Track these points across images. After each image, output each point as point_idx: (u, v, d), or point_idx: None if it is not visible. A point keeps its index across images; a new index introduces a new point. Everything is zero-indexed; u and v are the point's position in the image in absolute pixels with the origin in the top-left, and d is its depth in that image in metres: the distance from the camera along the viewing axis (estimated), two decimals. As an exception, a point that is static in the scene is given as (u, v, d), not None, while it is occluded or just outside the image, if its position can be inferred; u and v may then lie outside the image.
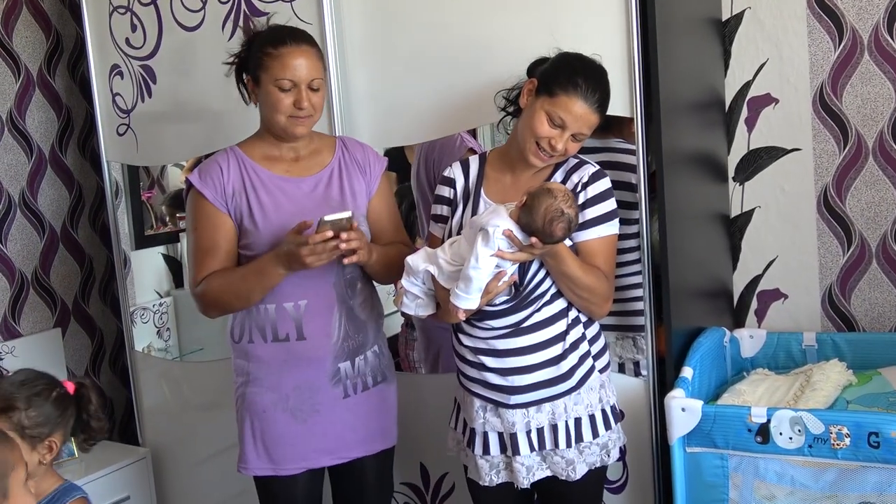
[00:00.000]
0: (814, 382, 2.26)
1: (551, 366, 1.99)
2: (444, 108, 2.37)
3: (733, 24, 2.66)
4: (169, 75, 2.91)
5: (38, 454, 1.79)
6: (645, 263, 2.26)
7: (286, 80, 2.04)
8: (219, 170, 2.14)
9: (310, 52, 2.09)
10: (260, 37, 2.13)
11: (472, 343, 2.01)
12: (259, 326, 2.16)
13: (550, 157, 1.97)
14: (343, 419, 2.20)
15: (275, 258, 2.02)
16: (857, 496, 1.96)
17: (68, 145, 3.46)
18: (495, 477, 2.04)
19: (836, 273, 2.65)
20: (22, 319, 3.29)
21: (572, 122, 1.93)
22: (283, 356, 2.15)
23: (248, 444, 2.20)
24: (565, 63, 1.99)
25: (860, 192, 2.59)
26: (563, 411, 2.01)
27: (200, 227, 2.14)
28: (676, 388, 2.13)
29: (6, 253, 3.25)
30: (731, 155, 2.71)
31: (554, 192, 1.87)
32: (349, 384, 2.20)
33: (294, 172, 2.18)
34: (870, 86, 2.53)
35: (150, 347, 3.33)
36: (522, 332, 1.98)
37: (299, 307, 2.13)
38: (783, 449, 2.00)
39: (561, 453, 2.02)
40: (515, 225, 1.85)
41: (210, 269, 2.11)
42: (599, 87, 1.96)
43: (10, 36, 3.26)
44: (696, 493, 2.12)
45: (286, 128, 2.11)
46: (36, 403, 1.79)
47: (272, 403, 2.16)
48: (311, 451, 2.18)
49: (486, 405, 2.02)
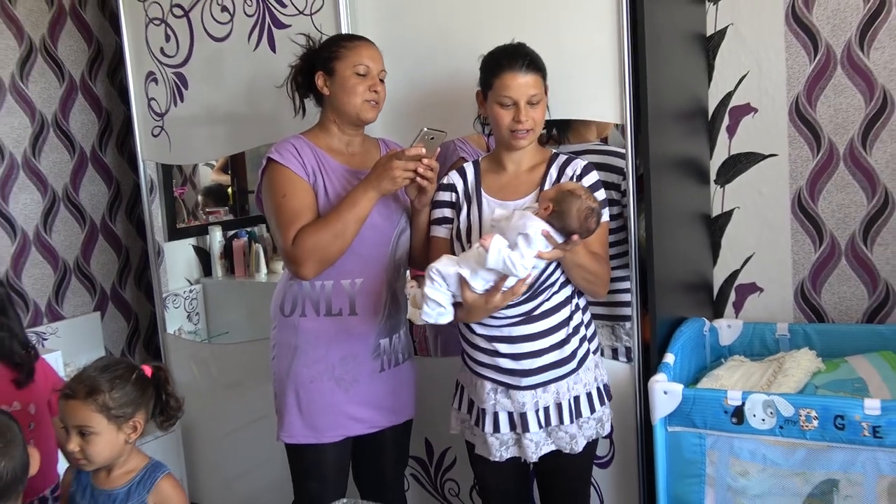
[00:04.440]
0: (786, 369, 2.26)
1: (557, 349, 2.00)
2: (448, 115, 2.37)
3: (717, 39, 2.65)
4: (200, 82, 2.91)
5: (124, 434, 1.78)
6: (632, 258, 2.26)
7: (363, 65, 2.09)
8: (296, 150, 2.11)
9: (377, 49, 2.15)
10: (329, 40, 2.17)
11: (486, 332, 2.00)
12: (313, 301, 2.14)
13: (528, 132, 1.97)
14: (377, 391, 2.20)
15: (365, 184, 2.02)
16: (824, 473, 1.96)
17: (107, 145, 3.48)
18: (504, 453, 2.04)
19: (808, 269, 2.64)
20: (64, 303, 3.31)
21: (517, 92, 1.93)
22: (333, 329, 2.14)
23: (292, 414, 2.16)
24: (487, 59, 2.02)
25: (831, 195, 2.58)
26: (567, 390, 2.02)
27: (290, 194, 2.07)
28: (659, 373, 2.13)
29: (51, 243, 3.27)
30: (713, 159, 2.71)
31: (576, 192, 1.87)
32: (385, 359, 2.21)
33: (353, 164, 2.17)
34: (842, 97, 2.52)
35: (180, 330, 3.34)
36: (534, 319, 1.98)
37: (355, 284, 2.13)
38: (756, 429, 2.01)
39: (565, 429, 2.02)
40: (549, 226, 1.84)
41: (300, 227, 2.05)
42: (520, 53, 1.97)
43: (56, 45, 3.28)
44: (676, 468, 2.13)
45: (360, 111, 2.11)
46: (118, 386, 1.77)
47: (318, 374, 2.15)
48: (348, 420, 2.18)
49: (497, 387, 2.01)
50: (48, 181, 3.26)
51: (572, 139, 2.50)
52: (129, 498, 1.79)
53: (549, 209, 1.85)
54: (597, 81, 2.24)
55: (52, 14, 3.26)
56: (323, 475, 2.19)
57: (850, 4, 2.47)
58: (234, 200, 3.84)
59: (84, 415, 1.74)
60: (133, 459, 1.85)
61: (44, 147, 3.25)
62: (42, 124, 3.24)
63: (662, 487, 2.15)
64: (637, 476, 2.35)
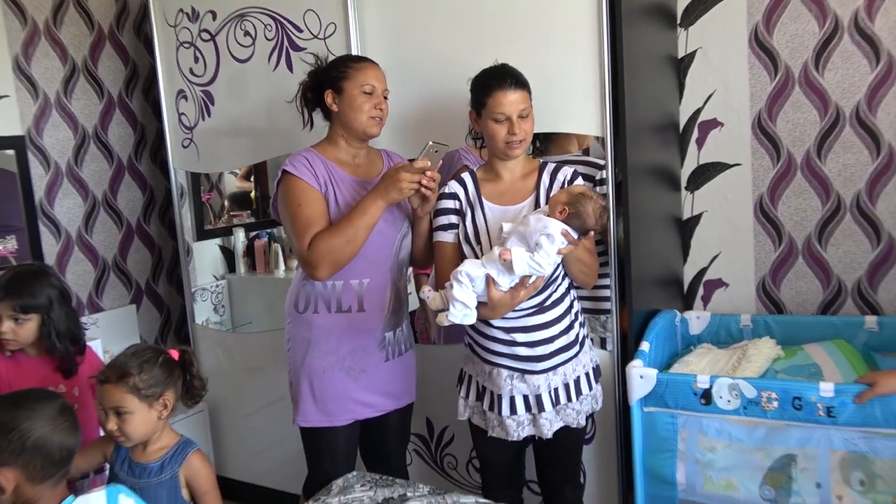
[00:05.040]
0: (749, 355, 2.27)
1: (565, 334, 2.01)
2: (445, 128, 2.37)
3: (687, 60, 2.66)
4: (224, 99, 2.92)
5: (155, 411, 1.79)
6: (612, 257, 2.27)
7: (369, 84, 2.09)
8: (308, 163, 2.10)
9: (381, 69, 2.15)
10: (338, 60, 2.16)
11: (504, 324, 1.99)
12: (325, 299, 2.14)
13: (521, 142, 1.99)
14: (383, 378, 2.21)
15: (374, 194, 2.02)
16: (783, 449, 1.97)
17: (142, 155, 3.48)
18: (522, 432, 2.03)
19: (769, 266, 2.65)
20: (104, 297, 3.32)
21: (509, 108, 1.95)
22: (343, 325, 2.14)
23: (306, 401, 2.16)
24: (476, 81, 2.03)
25: (790, 200, 2.59)
26: (572, 371, 2.03)
27: (305, 202, 2.06)
28: (636, 359, 2.14)
29: (91, 242, 3.28)
30: (684, 168, 2.72)
31: (587, 194, 1.90)
32: (390, 350, 2.21)
33: (360, 175, 2.17)
34: (799, 113, 2.53)
35: (207, 321, 3.35)
36: (545, 309, 1.99)
37: (363, 284, 2.13)
38: (722, 409, 2.02)
39: (572, 406, 2.04)
40: (566, 226, 1.86)
41: (314, 233, 2.04)
42: (506, 73, 1.99)
43: (96, 65, 3.28)
44: (651, 444, 2.14)
45: (366, 127, 2.11)
46: (146, 369, 1.77)
47: (330, 365, 2.15)
48: (358, 405, 2.18)
49: (514, 374, 2.00)
50: (89, 187, 3.27)
51: (554, 150, 2.51)
52: (163, 471, 1.80)
53: (564, 211, 1.87)
54: (580, 98, 2.25)
55: (93, 38, 3.27)
56: (335, 454, 2.20)
57: (807, 30, 2.48)
58: (256, 205, 3.85)
59: (118, 396, 1.75)
60: (166, 437, 1.86)
61: (85, 157, 3.25)
62: (84, 137, 3.24)
63: (639, 461, 2.16)
64: (616, 451, 2.36)
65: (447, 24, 2.43)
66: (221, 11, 2.85)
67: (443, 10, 2.43)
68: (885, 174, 2.45)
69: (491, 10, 2.35)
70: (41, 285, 2.12)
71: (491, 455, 2.16)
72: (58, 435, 1.44)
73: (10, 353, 2.14)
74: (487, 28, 2.36)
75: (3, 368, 2.12)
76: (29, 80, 3.04)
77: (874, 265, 2.51)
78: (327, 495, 2.07)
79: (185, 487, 1.83)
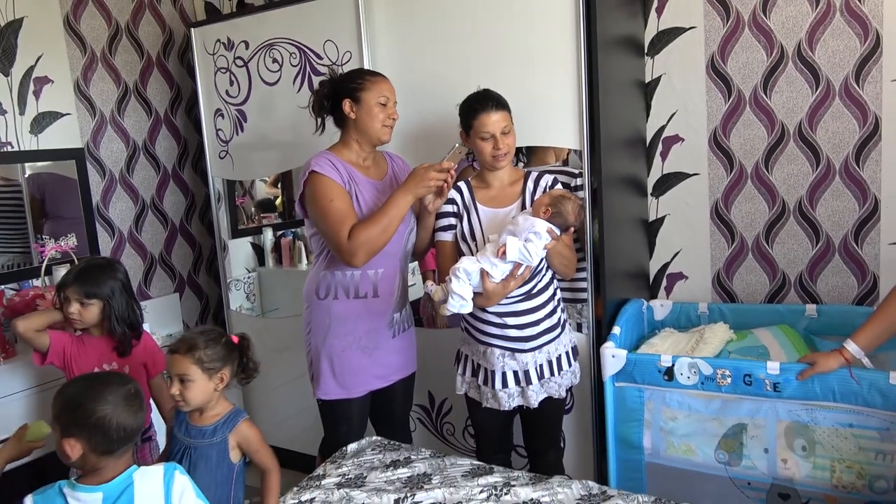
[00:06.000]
0: (706, 338, 2.24)
1: (549, 318, 2.00)
2: (442, 138, 2.34)
3: (653, 84, 2.63)
4: (256, 116, 2.89)
5: (213, 383, 1.76)
6: (588, 253, 2.24)
7: (384, 96, 2.04)
8: (332, 164, 2.03)
9: (392, 84, 2.10)
10: (354, 73, 2.10)
11: (497, 310, 1.97)
12: (344, 287, 2.08)
13: (505, 155, 1.98)
14: (391, 352, 2.17)
15: (404, 189, 1.97)
16: (735, 419, 1.95)
17: (185, 165, 3.45)
18: (512, 402, 2.02)
19: (723, 262, 2.62)
20: (151, 287, 3.29)
21: (492, 127, 1.95)
22: (360, 309, 2.10)
23: (326, 377, 2.12)
24: (463, 106, 2.02)
25: (741, 205, 2.56)
26: (554, 350, 2.02)
27: (337, 198, 1.97)
28: (609, 341, 2.12)
29: (140, 239, 3.25)
30: (650, 177, 2.69)
31: (566, 196, 1.91)
32: (396, 328, 2.18)
33: (371, 176, 2.12)
34: (750, 129, 2.50)
35: (240, 308, 3.32)
36: (532, 296, 1.97)
37: (377, 273, 2.09)
38: (683, 385, 1.99)
39: (554, 380, 2.02)
40: (551, 224, 1.86)
41: (351, 225, 1.96)
42: (488, 98, 1.98)
43: (145, 88, 3.25)
44: (622, 414, 2.11)
45: (380, 134, 2.06)
46: (211, 346, 1.76)
47: (349, 344, 2.11)
48: (371, 378, 2.15)
49: (505, 352, 1.99)
50: (139, 192, 3.24)
51: (535, 162, 2.49)
52: (215, 434, 1.77)
53: (548, 212, 1.88)
54: (561, 116, 2.22)
55: (143, 64, 3.23)
56: (350, 422, 2.17)
57: (756, 58, 2.45)
58: (283, 208, 3.82)
59: (184, 365, 1.73)
60: (220, 406, 1.82)
61: (136, 166, 3.22)
62: (134, 149, 3.21)
63: (611, 429, 2.14)
64: (591, 420, 2.34)
65: (445, 51, 2.40)
66: (253, 41, 2.82)
67: (442, 40, 2.40)
68: (823, 182, 2.42)
69: (484, 40, 2.32)
70: (105, 277, 2.13)
71: (484, 424, 2.14)
72: (118, 417, 1.40)
73: (78, 332, 2.16)
74: (480, 55, 2.33)
75: (70, 345, 2.14)
76: (88, 101, 3.01)
77: (814, 261, 2.48)
78: (342, 458, 2.04)
79: (233, 450, 1.80)
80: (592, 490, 1.77)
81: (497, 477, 1.85)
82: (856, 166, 2.37)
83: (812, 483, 1.88)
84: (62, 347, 2.12)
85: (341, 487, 1.84)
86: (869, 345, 1.80)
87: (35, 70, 2.80)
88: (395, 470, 1.93)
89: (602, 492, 1.76)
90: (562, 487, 1.78)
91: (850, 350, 1.80)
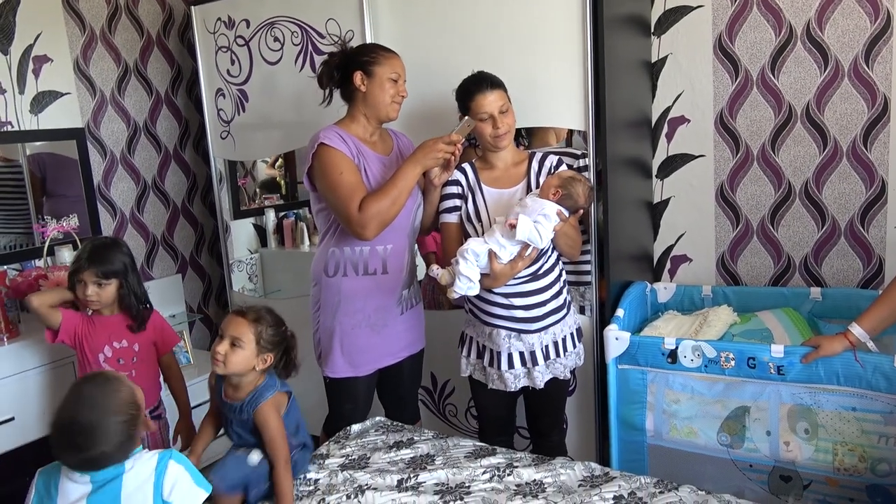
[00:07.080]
0: (709, 321, 2.24)
1: (555, 299, 1.99)
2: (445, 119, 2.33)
3: (659, 65, 2.60)
4: (257, 96, 2.86)
5: (257, 361, 1.74)
6: (592, 235, 2.23)
7: (396, 73, 2.02)
8: (341, 137, 2.00)
9: (403, 62, 2.07)
10: (367, 46, 2.08)
11: (504, 290, 1.96)
12: (353, 263, 2.06)
13: (505, 134, 1.97)
14: (400, 329, 2.16)
15: (413, 160, 1.95)
16: (738, 401, 1.96)
17: (186, 145, 3.43)
18: (518, 383, 2.02)
19: (727, 244, 2.61)
20: (154, 267, 3.29)
21: (489, 107, 1.94)
22: (370, 286, 2.07)
23: (335, 355, 2.10)
24: (459, 90, 2.01)
25: (746, 187, 2.54)
26: (560, 331, 2.01)
27: (347, 171, 1.94)
28: (612, 324, 2.12)
29: (143, 220, 3.24)
30: (655, 159, 2.67)
31: (576, 177, 1.89)
32: (405, 304, 2.16)
33: (378, 151, 2.09)
34: (756, 111, 2.47)
35: (243, 289, 3.32)
36: (539, 277, 1.96)
37: (386, 249, 2.06)
38: (686, 367, 2.00)
39: (559, 361, 2.02)
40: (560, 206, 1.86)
41: (361, 197, 1.93)
42: (483, 78, 1.97)
43: (146, 67, 3.22)
44: (625, 396, 2.12)
45: (389, 110, 2.04)
46: (273, 327, 1.76)
47: (358, 322, 2.09)
48: (380, 355, 2.14)
49: (511, 334, 1.98)
50: (140, 173, 3.22)
51: (536, 143, 2.47)
52: (242, 411, 1.75)
53: (557, 193, 1.87)
54: (566, 96, 2.20)
55: (143, 43, 3.20)
56: (356, 400, 2.16)
57: (764, 38, 2.42)
58: (285, 189, 3.80)
59: (243, 330, 1.71)
60: (252, 384, 1.77)
61: (137, 147, 3.20)
62: (135, 129, 3.19)
63: (614, 411, 2.14)
64: (594, 402, 2.34)
65: (450, 31, 2.37)
66: (254, 20, 2.79)
67: (446, 19, 2.37)
68: (830, 165, 2.40)
69: (488, 19, 2.29)
70: (116, 254, 2.14)
71: (488, 405, 2.15)
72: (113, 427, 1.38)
73: (90, 311, 2.17)
74: (485, 35, 2.31)
75: (81, 325, 2.16)
76: (87, 80, 2.99)
77: (819, 244, 2.46)
78: (346, 438, 2.05)
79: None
80: (595, 471, 1.78)
81: (500, 458, 1.86)
82: (863, 148, 2.35)
83: (814, 466, 1.88)
84: (73, 326, 2.14)
85: (345, 469, 1.85)
86: (874, 328, 1.80)
87: (34, 49, 2.78)
88: (399, 451, 1.94)
89: (604, 473, 1.77)
90: (564, 469, 1.79)
91: (854, 333, 1.80)
